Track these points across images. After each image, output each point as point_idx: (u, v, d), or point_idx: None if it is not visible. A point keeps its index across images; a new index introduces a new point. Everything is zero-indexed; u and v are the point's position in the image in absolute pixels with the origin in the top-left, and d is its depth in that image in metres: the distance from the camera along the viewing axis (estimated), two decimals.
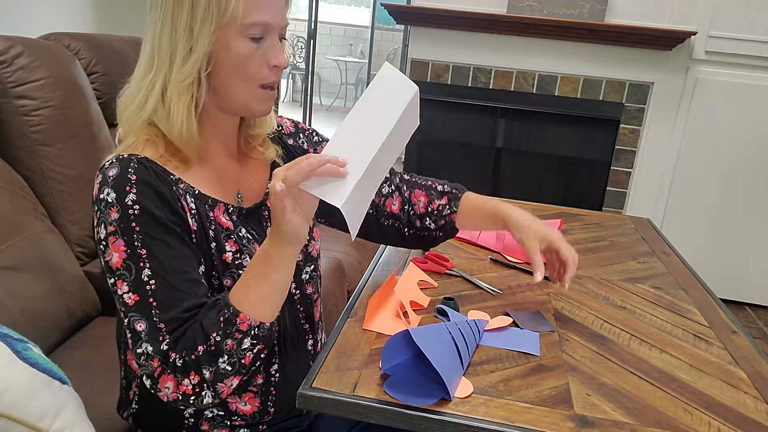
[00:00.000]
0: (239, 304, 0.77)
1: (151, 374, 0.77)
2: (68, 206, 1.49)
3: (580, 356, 0.89)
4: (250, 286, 0.78)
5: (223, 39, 0.79)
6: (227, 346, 0.76)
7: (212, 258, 0.84)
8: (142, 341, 0.76)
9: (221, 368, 0.76)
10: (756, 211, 2.80)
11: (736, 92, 2.69)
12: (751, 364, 0.91)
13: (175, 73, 0.79)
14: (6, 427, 0.72)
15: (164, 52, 0.79)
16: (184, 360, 0.76)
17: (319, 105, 8.15)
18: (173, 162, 0.83)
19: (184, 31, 0.78)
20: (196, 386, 0.76)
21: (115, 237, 0.76)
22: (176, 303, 0.77)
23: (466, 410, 0.74)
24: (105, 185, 0.77)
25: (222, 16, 0.77)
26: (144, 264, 0.76)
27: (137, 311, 0.76)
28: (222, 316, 0.76)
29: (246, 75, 0.82)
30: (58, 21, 2.75)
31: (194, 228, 0.82)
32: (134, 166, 0.78)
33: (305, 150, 1.05)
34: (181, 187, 0.82)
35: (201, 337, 0.76)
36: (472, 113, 2.94)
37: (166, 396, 0.77)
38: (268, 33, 0.82)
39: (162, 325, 0.76)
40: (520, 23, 2.67)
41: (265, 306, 0.78)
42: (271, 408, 0.92)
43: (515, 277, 1.17)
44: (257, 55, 0.81)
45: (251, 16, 0.78)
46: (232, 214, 0.88)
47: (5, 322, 1.04)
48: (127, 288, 0.76)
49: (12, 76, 1.40)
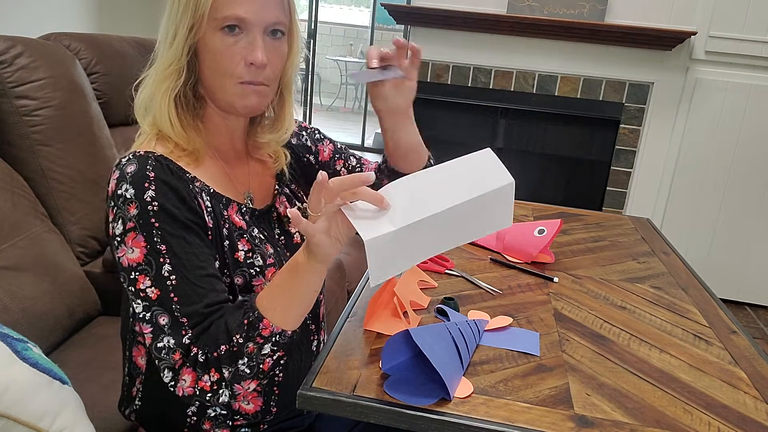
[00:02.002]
0: (264, 309, 0.77)
1: (172, 367, 0.77)
2: (68, 206, 1.49)
3: (580, 356, 0.89)
4: (276, 293, 0.78)
5: (200, 33, 0.81)
6: (248, 349, 0.76)
7: (225, 256, 0.84)
8: (165, 334, 0.76)
9: (240, 370, 0.77)
10: (756, 211, 2.80)
11: (736, 92, 2.69)
12: (751, 364, 0.91)
13: (157, 63, 0.83)
14: (6, 427, 0.72)
15: (158, 46, 0.84)
16: (206, 356, 0.76)
17: (319, 105, 8.15)
18: (184, 159, 0.84)
19: (171, 24, 0.81)
20: (215, 384, 0.77)
21: (135, 233, 0.77)
22: (197, 299, 0.77)
23: (466, 410, 0.74)
24: (123, 181, 0.77)
25: (196, 10, 0.79)
26: (164, 260, 0.77)
27: (160, 305, 0.77)
28: (246, 319, 0.77)
29: (222, 70, 0.82)
30: (59, 21, 2.75)
31: (210, 225, 0.83)
32: (152, 164, 0.79)
33: (309, 147, 1.06)
34: (197, 185, 0.83)
35: (224, 337, 0.76)
36: (472, 113, 2.95)
37: (182, 389, 0.77)
38: (247, 29, 0.81)
39: (184, 320, 0.76)
40: (520, 23, 2.67)
41: (288, 315, 0.78)
42: (273, 407, 0.92)
43: (515, 277, 1.17)
44: (234, 51, 0.81)
45: (223, 10, 0.79)
46: (245, 215, 0.89)
47: (5, 322, 1.04)
48: (149, 282, 0.77)
49: (12, 76, 1.40)
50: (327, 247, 0.72)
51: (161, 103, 0.82)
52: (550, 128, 2.91)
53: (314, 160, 1.07)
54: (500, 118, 2.94)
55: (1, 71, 1.39)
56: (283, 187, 0.99)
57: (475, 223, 0.76)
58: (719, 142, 2.76)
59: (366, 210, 0.71)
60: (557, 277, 1.17)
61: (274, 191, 0.97)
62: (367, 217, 0.70)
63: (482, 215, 0.75)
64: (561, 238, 1.41)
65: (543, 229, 1.24)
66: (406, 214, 0.70)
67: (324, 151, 1.08)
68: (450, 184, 0.73)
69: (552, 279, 1.16)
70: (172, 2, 0.81)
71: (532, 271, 1.20)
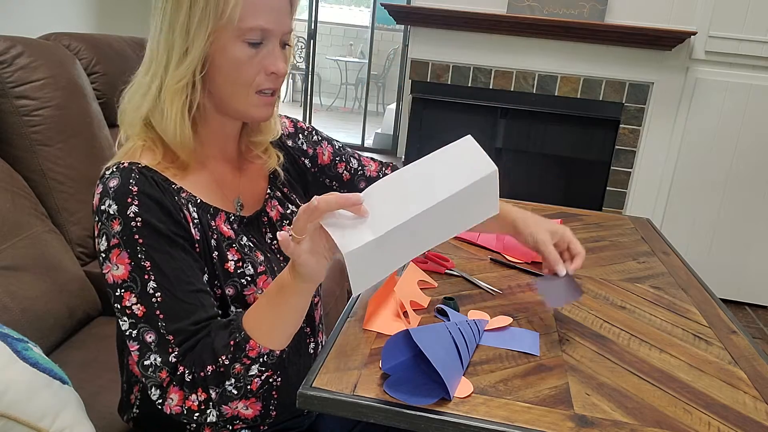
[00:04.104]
0: (251, 330, 0.76)
1: (160, 385, 0.76)
2: (68, 206, 1.49)
3: (580, 356, 0.89)
4: (263, 313, 0.77)
5: (220, 42, 0.78)
6: (234, 370, 0.76)
7: (214, 267, 0.83)
8: (151, 352, 0.76)
9: (228, 390, 0.76)
10: (756, 211, 2.80)
11: (735, 92, 2.69)
12: (751, 363, 0.92)
13: (170, 74, 0.78)
14: (6, 427, 0.72)
15: (161, 53, 0.79)
16: (193, 376, 0.76)
17: (319, 105, 8.15)
18: (172, 169, 0.82)
19: (181, 32, 0.77)
20: (202, 404, 0.76)
21: (119, 249, 0.75)
22: (183, 315, 0.76)
23: (466, 410, 0.74)
24: (106, 196, 0.76)
25: (219, 19, 0.76)
26: (149, 276, 0.75)
27: (146, 322, 0.76)
28: (233, 340, 0.76)
29: (242, 80, 0.80)
30: (59, 21, 2.75)
31: (197, 238, 0.81)
32: (135, 177, 0.77)
33: (305, 151, 1.04)
34: (183, 196, 0.82)
35: (210, 358, 0.75)
36: (472, 113, 2.95)
37: (170, 408, 0.77)
38: (268, 39, 0.80)
39: (171, 337, 0.76)
40: (520, 23, 2.67)
41: (275, 334, 0.77)
42: (272, 411, 0.92)
43: (515, 277, 1.17)
44: (255, 61, 0.80)
45: (249, 21, 0.77)
46: (233, 223, 0.87)
47: (6, 322, 1.04)
48: (135, 299, 0.75)
49: (12, 76, 1.40)
50: (312, 266, 0.71)
51: (175, 120, 0.79)
52: (550, 128, 2.91)
53: (311, 163, 1.05)
54: (500, 118, 2.94)
55: (1, 71, 1.39)
56: (275, 190, 0.97)
57: (460, 216, 0.74)
58: (719, 142, 2.76)
59: (345, 217, 0.68)
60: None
61: (266, 195, 0.95)
62: (346, 225, 0.67)
63: (467, 208, 0.74)
64: None
65: None
66: (387, 220, 0.68)
67: (323, 154, 1.06)
68: (432, 179, 0.70)
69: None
70: (178, 8, 0.76)
71: (532, 271, 1.20)
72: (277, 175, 0.98)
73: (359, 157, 1.10)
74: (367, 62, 6.01)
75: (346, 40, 8.51)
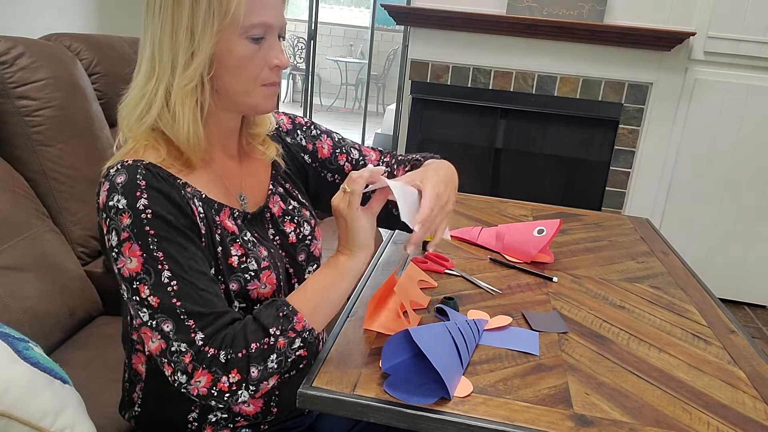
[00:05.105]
0: (298, 305, 0.80)
1: (185, 369, 0.76)
2: (69, 206, 1.49)
3: (580, 356, 0.90)
4: (310, 292, 0.82)
5: (225, 41, 0.79)
6: (279, 343, 0.77)
7: (218, 262, 0.84)
8: (172, 340, 0.76)
9: (269, 366, 0.78)
10: (755, 210, 2.80)
11: (735, 93, 2.69)
12: (750, 363, 0.92)
13: (178, 77, 0.79)
14: (7, 426, 0.72)
15: (165, 57, 0.79)
16: (228, 357, 0.76)
17: (320, 105, 8.15)
18: (176, 166, 0.82)
19: (186, 35, 0.77)
20: (234, 384, 0.76)
21: (131, 243, 0.76)
22: (202, 303, 0.77)
23: (466, 409, 0.74)
24: (114, 192, 0.76)
25: (224, 18, 0.77)
26: (162, 266, 0.76)
27: (163, 312, 0.76)
28: (281, 312, 0.79)
29: (249, 76, 0.82)
30: (59, 21, 2.75)
31: (203, 231, 0.82)
32: (142, 172, 0.77)
33: (304, 147, 1.04)
34: (188, 191, 0.82)
35: (257, 335, 0.77)
36: (471, 113, 2.95)
37: (197, 390, 0.76)
38: (269, 33, 0.82)
39: (191, 323, 0.76)
40: (519, 24, 2.68)
41: (319, 314, 0.81)
42: (273, 408, 0.92)
43: (515, 277, 1.17)
44: (258, 56, 0.81)
45: (252, 17, 0.78)
46: (237, 219, 0.88)
47: (7, 322, 1.04)
48: (149, 291, 0.76)
49: (13, 76, 1.40)
50: (365, 222, 0.82)
51: (188, 123, 0.80)
52: (550, 128, 2.91)
53: (311, 159, 1.05)
54: (500, 119, 2.94)
55: (2, 72, 1.39)
56: (278, 186, 0.98)
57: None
58: (718, 142, 2.76)
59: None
60: (556, 276, 1.17)
61: (268, 191, 0.96)
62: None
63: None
64: (560, 238, 1.41)
65: (542, 229, 1.24)
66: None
67: (323, 148, 1.06)
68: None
69: (551, 279, 1.16)
70: (180, 11, 0.77)
71: (531, 270, 1.20)
72: (278, 167, 0.98)
73: (360, 147, 1.10)
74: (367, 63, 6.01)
75: (346, 40, 8.50)
